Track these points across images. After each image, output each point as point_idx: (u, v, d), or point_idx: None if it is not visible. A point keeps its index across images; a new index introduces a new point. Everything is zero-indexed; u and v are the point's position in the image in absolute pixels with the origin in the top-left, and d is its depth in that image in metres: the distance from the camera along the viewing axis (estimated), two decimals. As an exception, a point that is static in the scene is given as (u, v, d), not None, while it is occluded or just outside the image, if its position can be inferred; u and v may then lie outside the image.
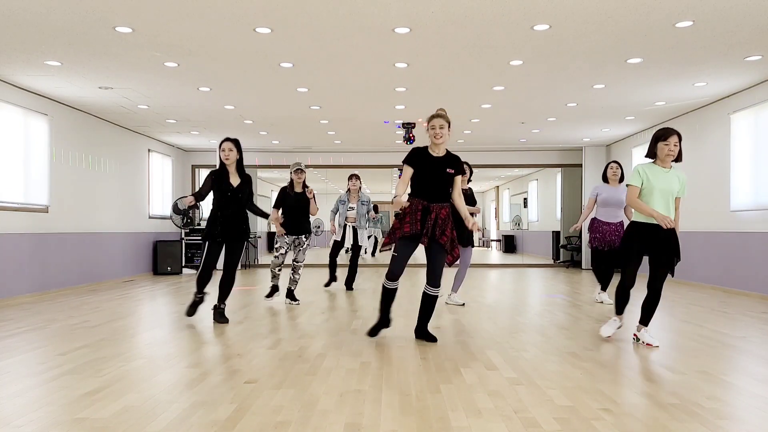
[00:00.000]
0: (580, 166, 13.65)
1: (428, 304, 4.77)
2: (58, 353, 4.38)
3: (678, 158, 4.57)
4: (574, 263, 14.13)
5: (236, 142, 5.71)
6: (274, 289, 7.32)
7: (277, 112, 9.59)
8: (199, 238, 13.20)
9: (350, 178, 8.76)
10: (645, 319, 4.69)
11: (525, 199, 20.35)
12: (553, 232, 15.68)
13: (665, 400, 3.17)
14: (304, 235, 7.14)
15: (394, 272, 4.67)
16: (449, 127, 4.67)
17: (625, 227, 6.71)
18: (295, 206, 7.09)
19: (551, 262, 15.36)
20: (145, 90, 8.13)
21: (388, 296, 4.80)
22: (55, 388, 3.42)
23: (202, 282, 5.71)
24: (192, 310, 5.83)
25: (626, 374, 3.74)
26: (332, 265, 8.79)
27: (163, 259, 11.99)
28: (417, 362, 4.06)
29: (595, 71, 7.24)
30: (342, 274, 9.60)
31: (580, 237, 13.79)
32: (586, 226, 10.45)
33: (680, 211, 4.62)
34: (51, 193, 8.58)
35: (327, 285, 8.96)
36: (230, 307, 6.92)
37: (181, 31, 5.81)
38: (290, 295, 7.17)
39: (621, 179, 7.05)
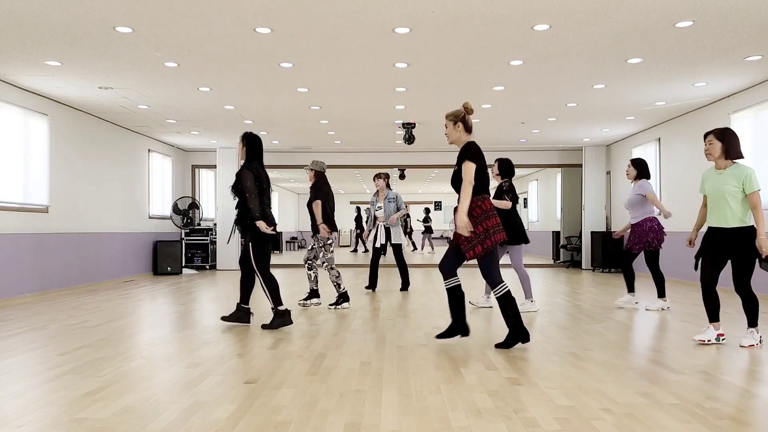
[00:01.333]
0: (580, 166, 13.65)
1: (501, 307, 4.48)
2: (58, 353, 4.38)
3: (728, 155, 4.57)
4: (574, 263, 14.13)
5: (242, 137, 5.53)
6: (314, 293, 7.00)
7: (277, 112, 9.59)
8: (199, 238, 13.23)
9: (374, 178, 8.57)
10: (749, 322, 4.62)
11: (525, 199, 20.34)
12: (553, 232, 15.68)
13: (665, 400, 3.17)
14: (313, 236, 6.90)
15: (440, 267, 4.60)
16: (455, 123, 4.52)
17: (649, 224, 6.48)
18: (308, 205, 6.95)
19: (551, 262, 15.35)
20: (145, 90, 8.13)
21: (449, 297, 4.57)
22: (55, 388, 3.43)
23: (240, 286, 5.59)
24: (273, 323, 5.42)
25: (626, 374, 3.74)
26: (372, 270, 8.52)
27: (163, 259, 11.99)
28: (417, 362, 4.07)
29: (595, 71, 7.24)
30: (361, 276, 9.45)
31: (579, 237, 13.79)
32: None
33: (760, 215, 4.45)
34: (51, 193, 8.58)
35: (367, 287, 8.62)
36: (230, 306, 6.92)
37: (181, 31, 5.81)
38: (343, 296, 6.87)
39: (638, 177, 6.65)
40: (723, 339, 4.72)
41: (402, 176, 16.99)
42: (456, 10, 5.28)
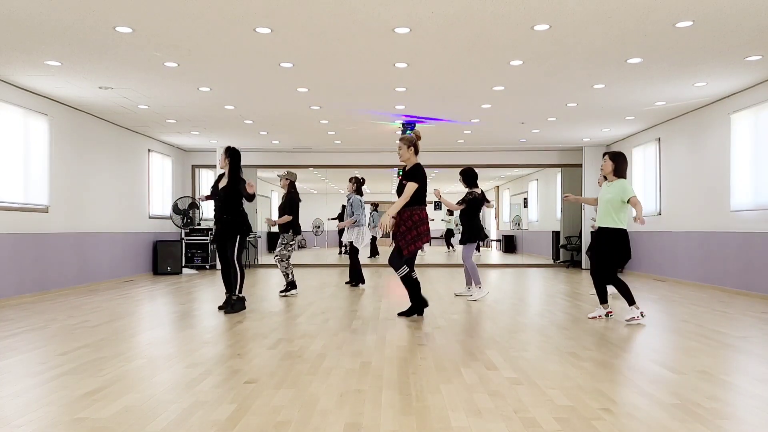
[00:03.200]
0: (580, 166, 13.65)
1: (404, 283, 5.93)
2: (58, 353, 4.38)
3: (616, 173, 5.72)
4: (574, 263, 14.13)
5: (227, 151, 6.57)
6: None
7: (277, 112, 9.59)
8: (199, 238, 13.22)
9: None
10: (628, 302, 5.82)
11: (525, 199, 20.34)
12: (553, 232, 15.68)
13: (665, 400, 3.17)
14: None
15: (389, 262, 5.93)
16: (409, 147, 5.92)
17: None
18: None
19: (551, 262, 15.35)
20: (145, 90, 8.13)
21: (404, 283, 5.94)
22: (55, 388, 3.43)
23: (224, 279, 6.56)
24: (224, 305, 6.57)
25: (626, 374, 3.74)
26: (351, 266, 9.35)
27: (163, 259, 11.99)
28: (417, 362, 4.07)
29: (595, 71, 7.24)
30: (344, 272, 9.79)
31: (579, 237, 13.78)
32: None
33: (641, 207, 5.71)
34: (51, 193, 8.58)
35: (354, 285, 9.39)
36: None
37: (181, 31, 5.81)
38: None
39: None
40: (611, 315, 5.98)
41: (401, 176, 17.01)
42: (456, 10, 5.28)
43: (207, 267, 13.33)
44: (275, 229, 21.30)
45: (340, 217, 23.90)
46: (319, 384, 3.50)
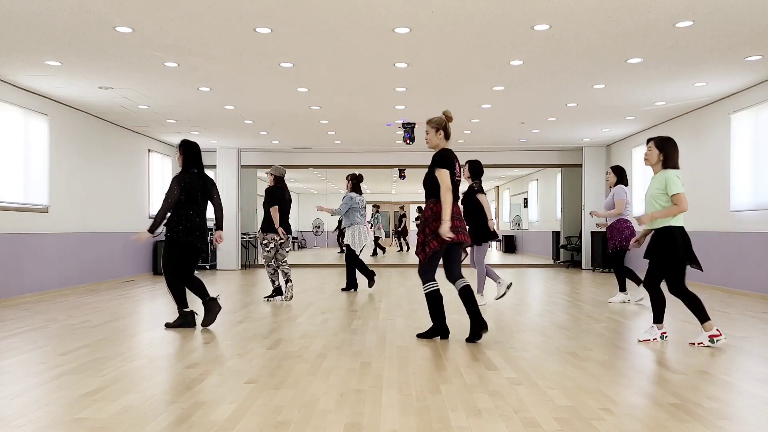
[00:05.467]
0: (580, 166, 13.65)
1: (428, 302, 4.86)
2: (58, 353, 4.38)
3: (665, 163, 4.64)
4: (574, 263, 14.12)
5: (179, 145, 6.14)
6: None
7: (277, 112, 9.59)
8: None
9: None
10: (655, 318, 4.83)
11: (525, 199, 20.34)
12: (553, 232, 15.68)
13: (665, 400, 3.17)
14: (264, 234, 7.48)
15: (419, 273, 4.87)
16: (438, 130, 4.82)
17: (624, 224, 7.09)
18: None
19: (551, 262, 15.35)
20: (145, 90, 8.13)
21: (427, 301, 4.84)
22: (55, 388, 3.43)
23: (196, 290, 5.74)
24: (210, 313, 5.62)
25: (626, 374, 3.74)
26: (359, 269, 8.68)
27: (163, 259, 11.97)
28: (417, 362, 4.07)
29: (595, 71, 7.24)
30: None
31: (579, 237, 13.78)
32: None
33: (669, 208, 4.55)
34: (51, 193, 8.58)
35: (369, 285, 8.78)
36: (230, 306, 6.92)
37: (181, 31, 5.81)
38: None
39: (616, 183, 7.29)
40: (665, 336, 4.82)
41: (402, 176, 17.01)
42: (456, 10, 5.28)
43: (207, 267, 13.32)
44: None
45: (340, 222, 23.83)
46: (319, 384, 3.50)
